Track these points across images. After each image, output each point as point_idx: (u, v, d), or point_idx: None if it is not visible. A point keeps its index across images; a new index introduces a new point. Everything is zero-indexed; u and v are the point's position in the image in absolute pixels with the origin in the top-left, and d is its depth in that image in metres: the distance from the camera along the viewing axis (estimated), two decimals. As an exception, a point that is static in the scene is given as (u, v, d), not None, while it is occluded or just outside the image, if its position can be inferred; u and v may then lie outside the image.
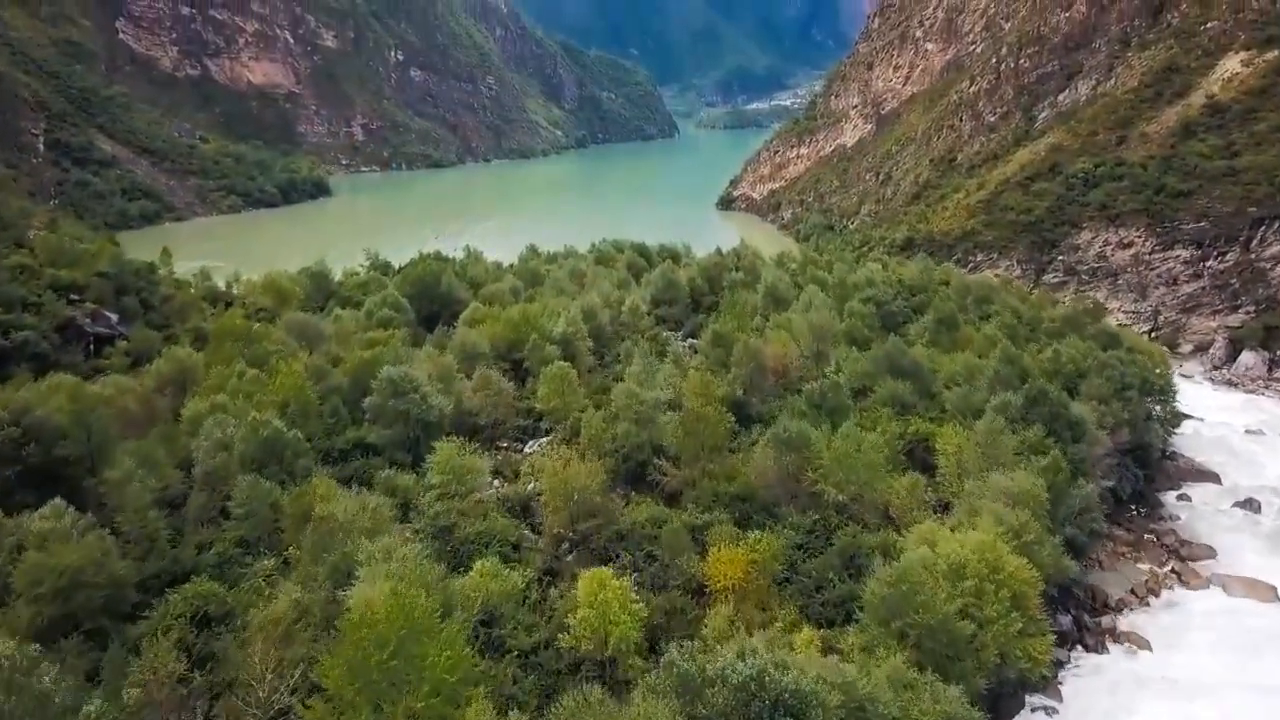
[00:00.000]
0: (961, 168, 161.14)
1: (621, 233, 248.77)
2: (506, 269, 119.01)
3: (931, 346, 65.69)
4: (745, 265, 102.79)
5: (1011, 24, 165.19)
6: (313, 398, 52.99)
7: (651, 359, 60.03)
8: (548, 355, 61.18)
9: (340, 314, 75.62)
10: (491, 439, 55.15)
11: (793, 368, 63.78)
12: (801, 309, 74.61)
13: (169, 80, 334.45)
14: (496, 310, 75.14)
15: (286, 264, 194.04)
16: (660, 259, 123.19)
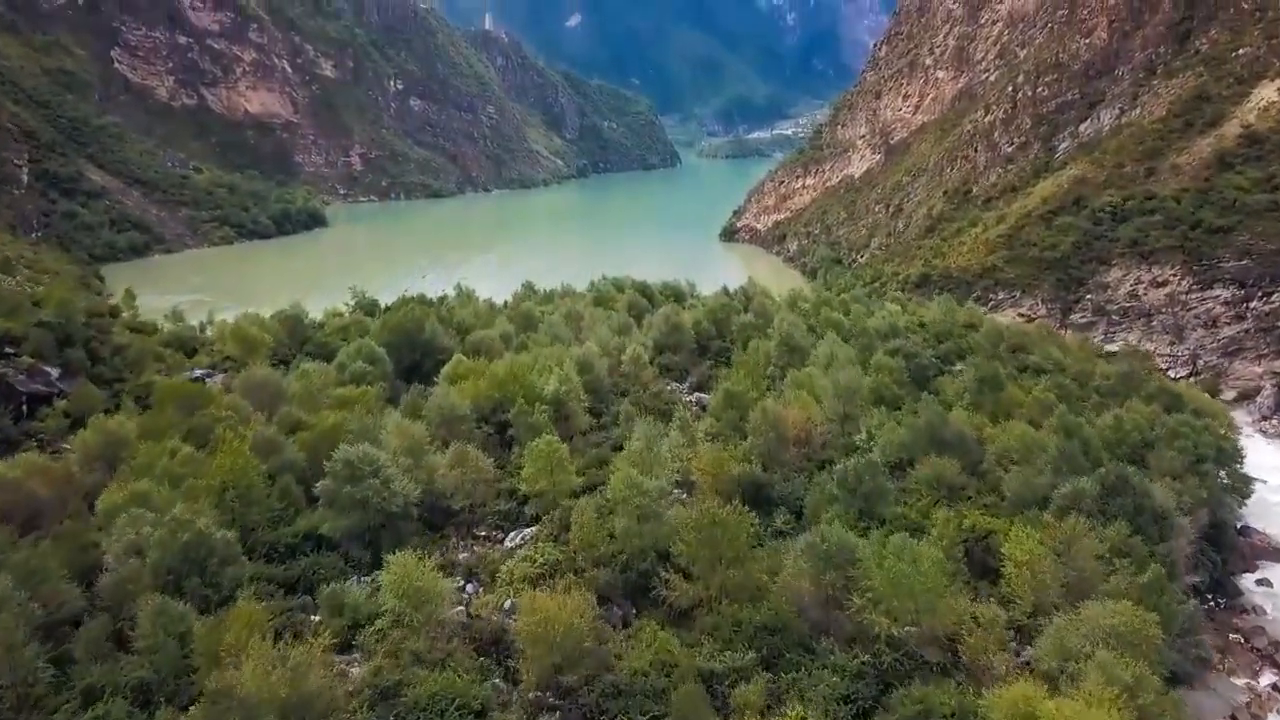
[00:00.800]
0: (977, 200, 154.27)
1: (623, 265, 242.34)
2: (500, 309, 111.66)
3: (973, 410, 57.82)
4: (756, 308, 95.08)
5: (1028, 51, 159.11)
6: (259, 480, 45.05)
7: (655, 429, 52.12)
8: (536, 423, 53.29)
9: (306, 369, 67.74)
10: (468, 526, 47.15)
11: (816, 435, 55.90)
12: (821, 362, 66.81)
13: (165, 110, 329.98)
14: (482, 364, 67.34)
15: (274, 299, 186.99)
16: (663, 298, 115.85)
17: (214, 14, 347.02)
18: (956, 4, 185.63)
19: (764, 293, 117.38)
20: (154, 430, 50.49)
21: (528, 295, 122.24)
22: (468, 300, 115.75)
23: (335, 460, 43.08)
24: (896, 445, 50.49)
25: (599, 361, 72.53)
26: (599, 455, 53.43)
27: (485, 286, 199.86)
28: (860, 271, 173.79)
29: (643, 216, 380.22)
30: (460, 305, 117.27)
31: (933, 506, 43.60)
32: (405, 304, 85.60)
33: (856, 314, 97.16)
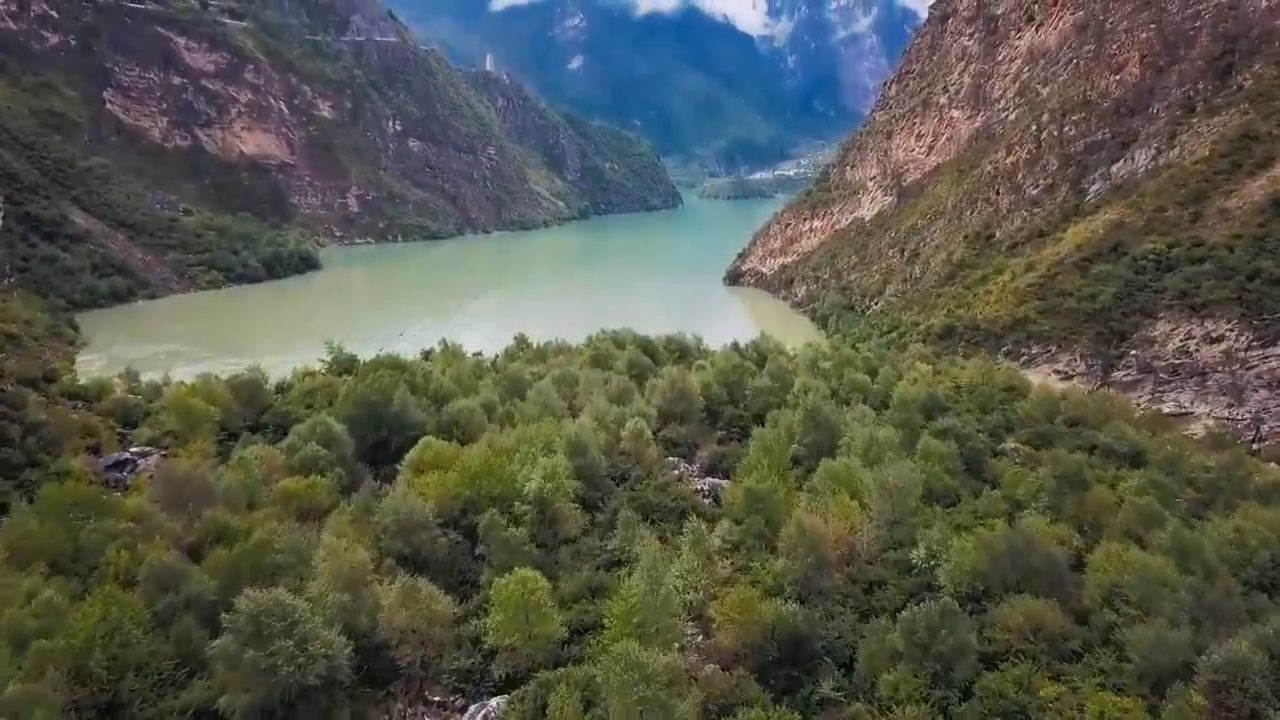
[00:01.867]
0: (1001, 245, 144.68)
1: (624, 310, 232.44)
2: (487, 368, 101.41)
3: (1053, 515, 47.00)
4: (771, 369, 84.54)
5: (1051, 89, 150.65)
6: (140, 633, 34.21)
7: (661, 550, 41.39)
8: (512, 541, 42.50)
9: (246, 456, 57.09)
10: (419, 685, 36.16)
11: (862, 547, 45.11)
12: (859, 447, 56.08)
13: (157, 151, 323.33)
14: (453, 450, 56.69)
15: (254, 348, 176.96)
16: (667, 355, 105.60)
17: (210, 55, 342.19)
18: (972, 41, 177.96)
19: (778, 349, 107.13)
20: (24, 552, 39.73)
21: (519, 351, 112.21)
22: (451, 358, 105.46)
23: (235, 613, 32.24)
24: (968, 571, 39.53)
25: (594, 440, 61.95)
26: (591, 580, 42.51)
27: (478, 335, 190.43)
28: (876, 320, 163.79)
29: (644, 259, 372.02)
30: (443, 361, 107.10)
31: (1033, 673, 32.57)
32: (374, 369, 74.88)
33: (885, 377, 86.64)
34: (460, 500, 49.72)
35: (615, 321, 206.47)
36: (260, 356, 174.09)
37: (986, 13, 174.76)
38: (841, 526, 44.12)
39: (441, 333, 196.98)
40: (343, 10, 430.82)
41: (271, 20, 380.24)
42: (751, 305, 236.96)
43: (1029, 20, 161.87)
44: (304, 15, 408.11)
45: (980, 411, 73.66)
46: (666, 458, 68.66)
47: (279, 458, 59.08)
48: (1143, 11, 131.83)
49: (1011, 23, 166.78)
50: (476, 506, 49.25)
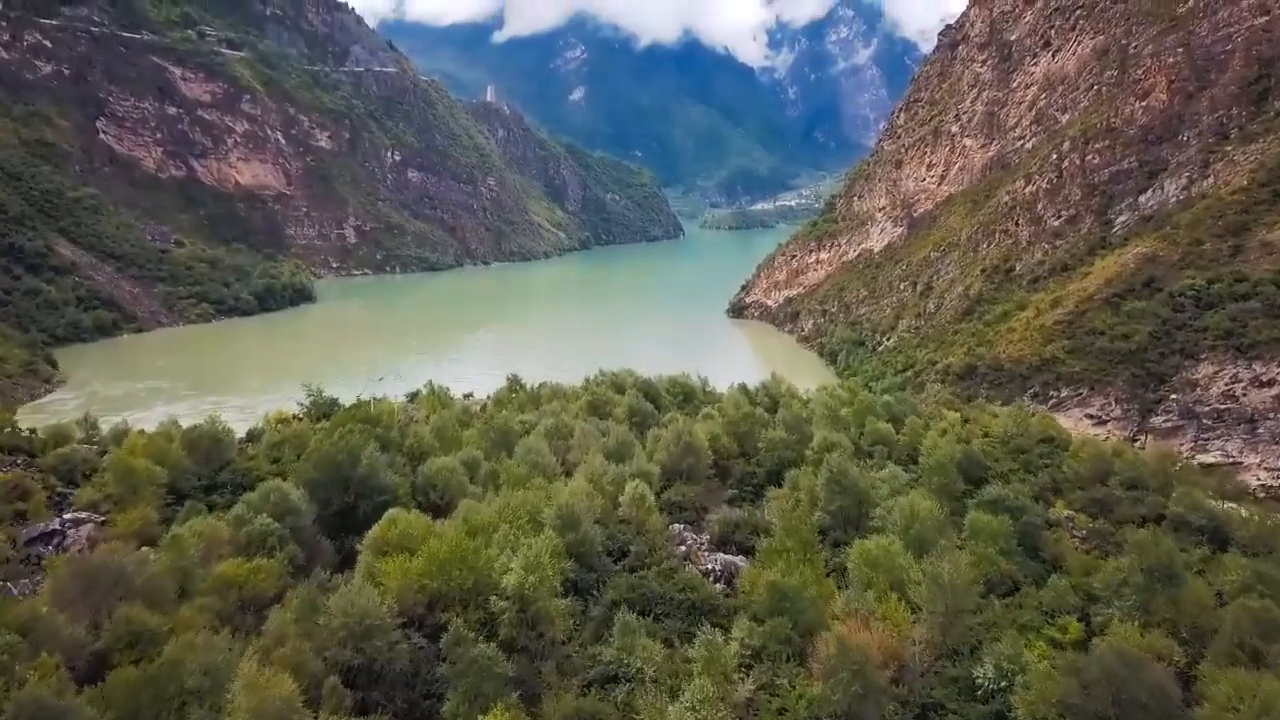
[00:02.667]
0: (1022, 279, 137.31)
1: (625, 344, 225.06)
2: (476, 413, 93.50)
3: (1143, 617, 38.88)
4: (786, 419, 76.47)
5: (1071, 116, 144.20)
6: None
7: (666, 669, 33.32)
8: (481, 660, 34.32)
9: (180, 535, 48.81)
10: None
11: (912, 660, 36.91)
12: (900, 523, 47.95)
13: (151, 181, 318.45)
14: (423, 524, 48.55)
15: (238, 385, 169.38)
16: (670, 398, 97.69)
17: (206, 84, 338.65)
18: (985, 68, 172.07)
19: (790, 393, 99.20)
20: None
21: (510, 394, 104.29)
22: (437, 403, 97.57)
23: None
24: (1054, 703, 31.32)
25: (589, 510, 53.88)
26: (581, 710, 34.25)
27: (473, 370, 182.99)
28: (889, 357, 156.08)
29: (646, 290, 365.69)
30: (428, 407, 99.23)
31: None
32: (342, 422, 66.93)
33: (912, 427, 78.47)
34: (427, 593, 41.67)
35: (616, 357, 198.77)
36: (243, 395, 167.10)
37: (1000, 39, 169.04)
38: (889, 636, 36.00)
39: (435, 369, 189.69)
40: (342, 41, 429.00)
41: (269, 50, 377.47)
42: (756, 339, 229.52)
43: (1045, 46, 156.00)
44: (303, 45, 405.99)
45: (1024, 470, 65.57)
46: (671, 524, 60.63)
47: (224, 531, 50.97)
48: (1169, 35, 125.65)
49: (1026, 49, 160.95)
50: (445, 601, 41.20)
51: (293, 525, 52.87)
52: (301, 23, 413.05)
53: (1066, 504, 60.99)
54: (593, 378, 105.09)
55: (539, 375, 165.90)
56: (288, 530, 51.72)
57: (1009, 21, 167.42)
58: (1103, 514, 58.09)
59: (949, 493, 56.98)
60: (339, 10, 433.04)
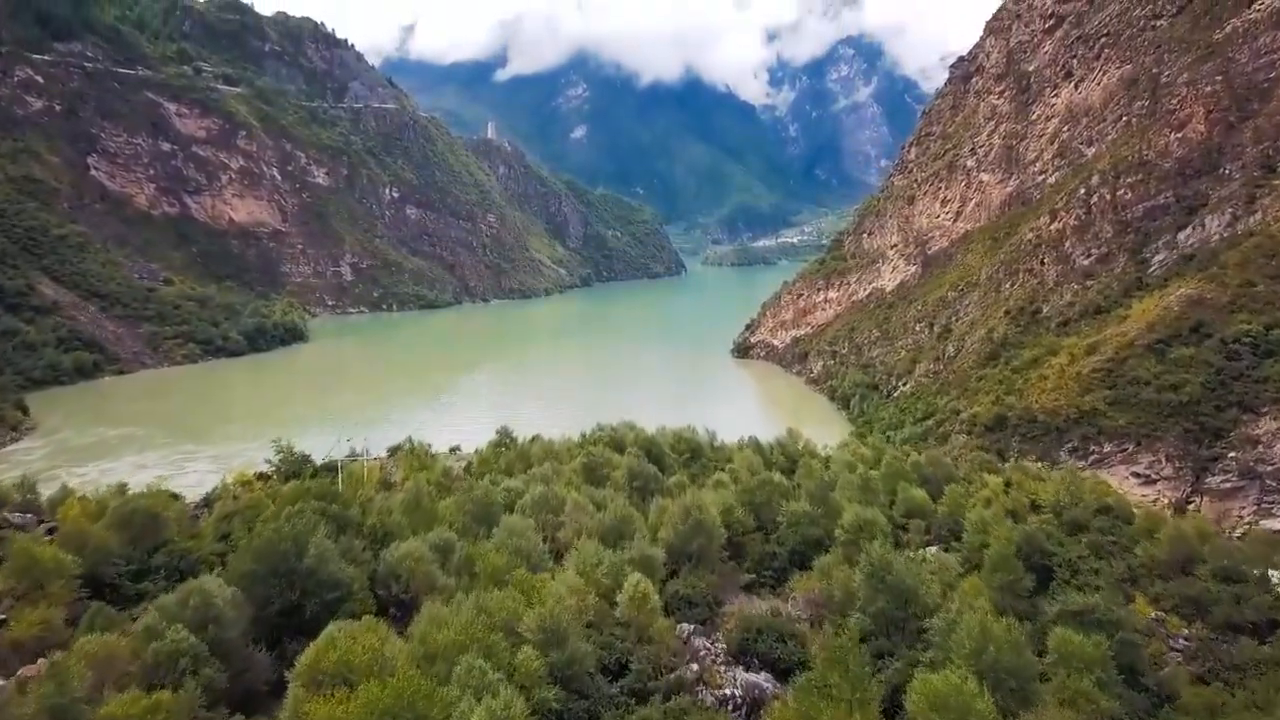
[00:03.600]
0: (1050, 322, 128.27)
1: (626, 387, 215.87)
2: (457, 476, 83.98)
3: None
4: (810, 490, 66.72)
5: (1098, 149, 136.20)
6: None
7: None
8: None
9: (58, 663, 39.06)
10: None
11: None
12: (964, 647, 38.11)
13: (143, 218, 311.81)
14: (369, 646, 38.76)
15: (216, 433, 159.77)
16: (676, 455, 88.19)
17: (201, 120, 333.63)
18: (1002, 100, 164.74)
19: (809, 450, 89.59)
20: None
21: (498, 451, 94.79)
22: (416, 462, 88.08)
23: None
24: None
25: (578, 613, 44.20)
26: None
27: (462, 418, 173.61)
28: (907, 404, 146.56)
29: (648, 329, 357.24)
30: (406, 467, 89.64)
31: None
32: (291, 499, 57.35)
33: (953, 498, 68.79)
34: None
35: (617, 400, 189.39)
36: (219, 444, 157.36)
37: (1017, 70, 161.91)
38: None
39: (426, 414, 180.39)
40: (341, 77, 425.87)
41: (267, 87, 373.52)
42: (763, 382, 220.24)
43: (1066, 77, 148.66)
44: (301, 82, 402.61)
45: (1092, 555, 55.76)
46: (679, 625, 50.76)
47: (125, 650, 41.23)
48: (1205, 62, 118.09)
49: (1046, 80, 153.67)
50: (390, 762, 31.39)
51: (216, 637, 43.15)
52: (300, 59, 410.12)
53: (1149, 600, 51.21)
54: (590, 432, 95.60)
55: (534, 422, 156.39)
56: (206, 646, 41.98)
57: (1027, 52, 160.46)
58: (1198, 615, 48.39)
59: (1014, 591, 47.30)
60: (338, 47, 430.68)
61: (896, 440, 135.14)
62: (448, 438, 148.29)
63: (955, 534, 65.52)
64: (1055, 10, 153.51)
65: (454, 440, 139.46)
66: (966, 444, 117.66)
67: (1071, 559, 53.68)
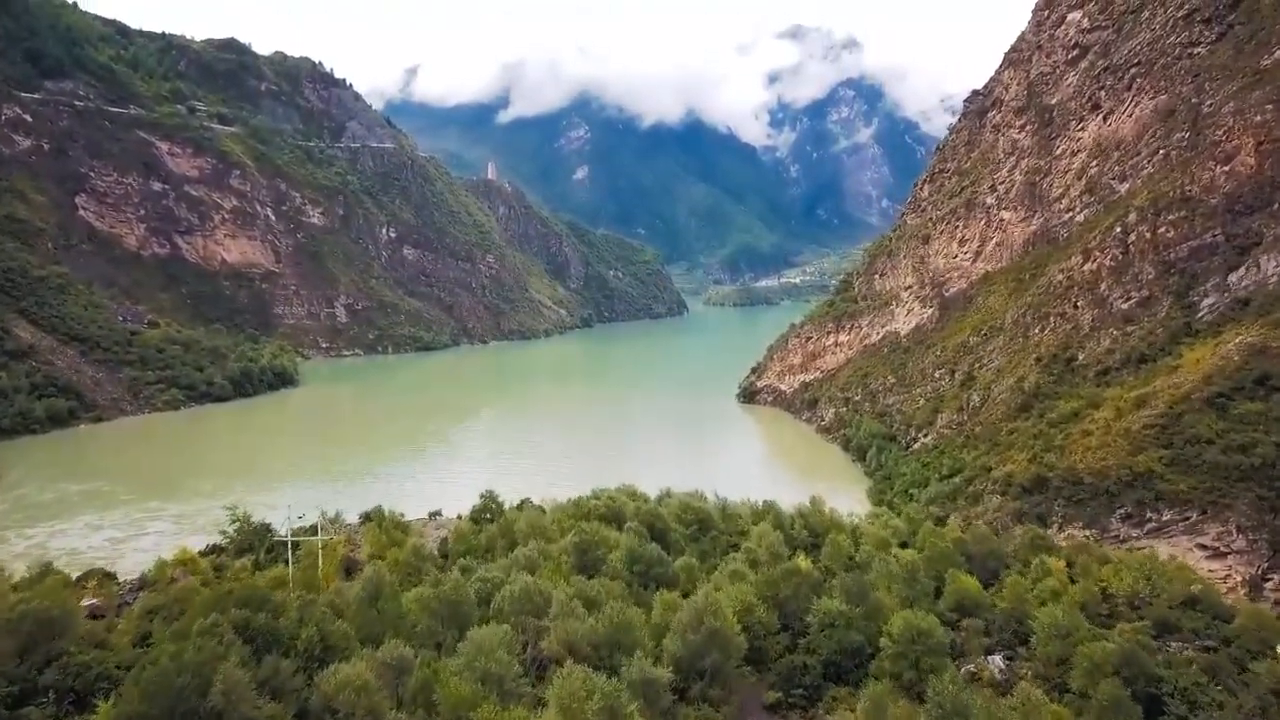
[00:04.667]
0: (1087, 371, 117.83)
1: (628, 436, 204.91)
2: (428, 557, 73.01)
3: None
4: (847, 585, 55.67)
5: (1133, 184, 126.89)
6: None
7: None
8: None
9: None
10: None
11: None
12: None
13: (132, 259, 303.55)
14: None
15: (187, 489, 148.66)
16: (682, 528, 77.24)
17: (194, 160, 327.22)
18: (1023, 134, 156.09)
19: (834, 522, 78.47)
20: None
21: (481, 521, 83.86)
22: (384, 538, 77.02)
23: None
24: None
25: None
26: None
27: (449, 473, 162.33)
28: (930, 459, 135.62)
29: (650, 371, 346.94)
30: (370, 542, 78.64)
31: None
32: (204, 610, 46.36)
33: (1014, 591, 57.80)
34: None
35: (616, 448, 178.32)
36: (188, 500, 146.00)
37: (1039, 103, 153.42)
38: None
39: (411, 468, 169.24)
40: (338, 117, 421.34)
41: (263, 126, 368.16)
42: (772, 429, 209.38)
43: (1093, 109, 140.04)
44: (298, 121, 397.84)
45: (1208, 678, 44.65)
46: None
47: None
48: (1253, 90, 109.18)
49: (1071, 112, 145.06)
50: None
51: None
52: (298, 99, 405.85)
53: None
54: (584, 497, 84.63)
55: (529, 476, 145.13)
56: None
57: (1049, 84, 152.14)
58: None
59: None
60: (336, 86, 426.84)
61: (921, 499, 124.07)
62: (432, 494, 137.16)
63: (1021, 637, 54.61)
64: (1079, 40, 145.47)
65: (438, 499, 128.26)
66: (1002, 506, 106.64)
67: (1183, 686, 42.69)
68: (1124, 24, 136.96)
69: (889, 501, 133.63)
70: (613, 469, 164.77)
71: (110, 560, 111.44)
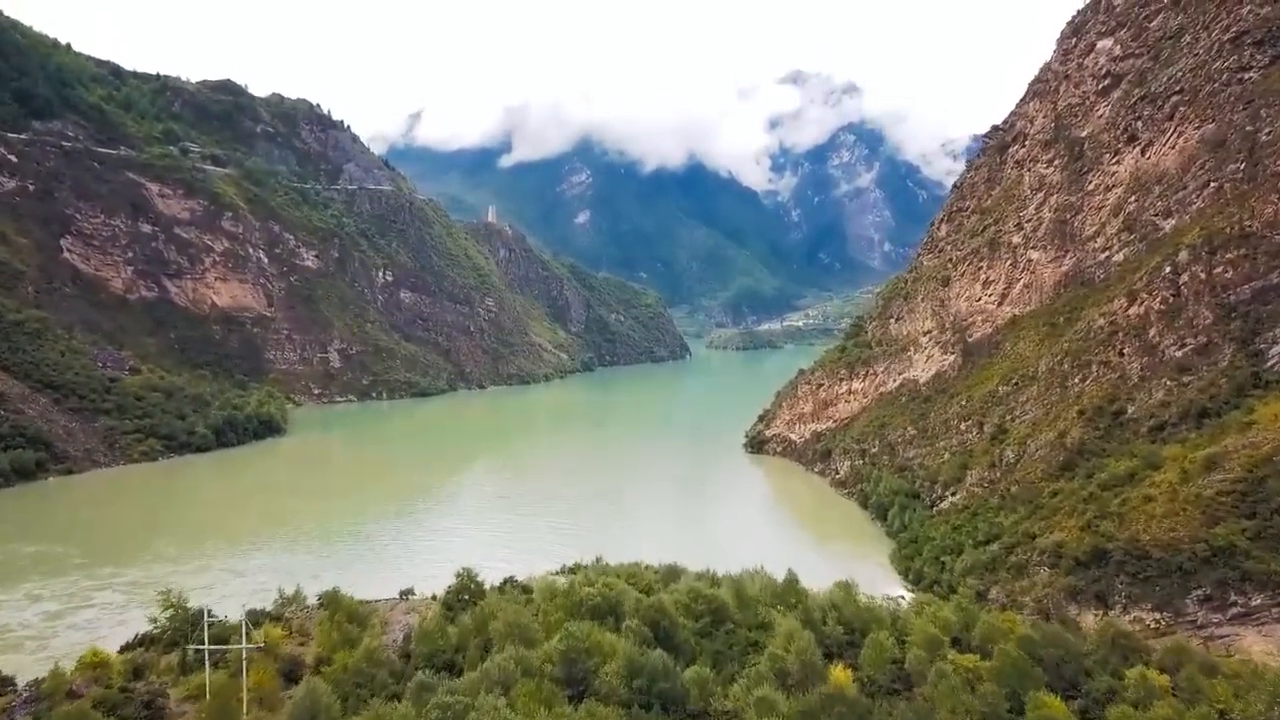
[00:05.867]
0: (1139, 426, 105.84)
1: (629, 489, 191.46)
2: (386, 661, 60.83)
3: None
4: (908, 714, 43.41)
5: (1180, 220, 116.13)
6: None
7: None
8: None
9: None
10: None
11: None
12: None
13: (118, 303, 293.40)
14: None
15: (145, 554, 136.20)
16: (690, 625, 64.83)
17: (185, 202, 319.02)
18: (1051, 169, 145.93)
19: (873, 616, 66.00)
20: None
21: (455, 607, 71.42)
22: (337, 633, 64.62)
23: None
24: None
25: None
26: None
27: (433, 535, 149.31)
28: (959, 520, 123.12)
29: (653, 418, 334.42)
30: (322, 638, 66.13)
31: None
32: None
33: None
34: None
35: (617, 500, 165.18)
36: (146, 565, 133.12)
37: (1067, 136, 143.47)
38: None
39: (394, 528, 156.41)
40: (335, 159, 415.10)
41: (257, 167, 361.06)
42: (783, 483, 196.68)
43: (1130, 141, 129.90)
44: (294, 163, 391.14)
45: None
46: None
47: None
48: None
49: (1104, 145, 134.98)
50: None
51: None
52: (294, 140, 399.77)
53: None
54: (576, 584, 72.12)
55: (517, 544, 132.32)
56: None
57: (1078, 116, 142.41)
58: None
59: None
60: (334, 128, 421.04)
61: (956, 569, 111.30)
62: (410, 562, 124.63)
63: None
64: (1110, 69, 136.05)
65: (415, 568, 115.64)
66: (1052, 581, 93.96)
67: None
68: (1161, 50, 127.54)
69: (918, 570, 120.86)
70: (613, 531, 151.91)
71: (40, 640, 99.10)
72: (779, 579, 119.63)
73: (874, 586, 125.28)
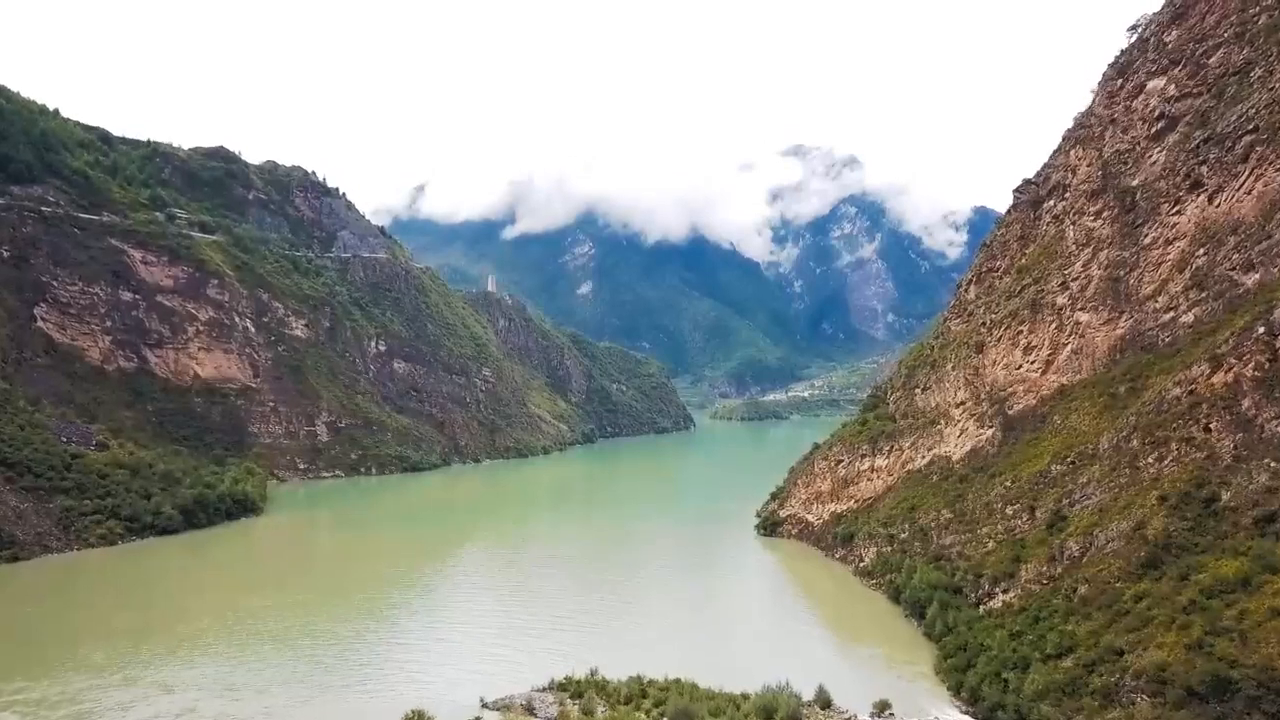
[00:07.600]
0: (1240, 517, 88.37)
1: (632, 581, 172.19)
2: None
3: None
4: None
5: (1267, 274, 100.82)
6: None
7: None
8: None
9: None
10: None
11: None
12: None
13: (95, 374, 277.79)
14: None
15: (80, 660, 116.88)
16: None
17: (169, 269, 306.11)
18: (1099, 222, 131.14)
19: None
20: None
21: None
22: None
23: None
24: None
25: None
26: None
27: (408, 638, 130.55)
28: (1020, 625, 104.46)
29: (657, 495, 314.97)
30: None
31: None
32: None
33: None
34: None
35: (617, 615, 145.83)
36: (70, 678, 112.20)
37: (1117, 185, 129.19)
38: None
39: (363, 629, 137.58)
40: (329, 226, 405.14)
41: (247, 234, 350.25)
42: (801, 572, 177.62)
43: (1193, 188, 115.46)
44: (286, 230, 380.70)
45: None
46: None
47: None
48: None
49: (1161, 194, 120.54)
50: None
51: None
52: (287, 207, 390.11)
53: None
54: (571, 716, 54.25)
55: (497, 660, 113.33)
56: None
57: (1128, 163, 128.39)
58: None
59: None
60: (329, 195, 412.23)
61: (1026, 691, 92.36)
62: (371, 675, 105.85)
63: None
64: (1165, 110, 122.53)
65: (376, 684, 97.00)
66: (1159, 717, 75.23)
67: None
68: (1225, 88, 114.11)
69: (973, 687, 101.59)
70: (613, 628, 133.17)
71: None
72: (806, 696, 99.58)
73: (917, 702, 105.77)
